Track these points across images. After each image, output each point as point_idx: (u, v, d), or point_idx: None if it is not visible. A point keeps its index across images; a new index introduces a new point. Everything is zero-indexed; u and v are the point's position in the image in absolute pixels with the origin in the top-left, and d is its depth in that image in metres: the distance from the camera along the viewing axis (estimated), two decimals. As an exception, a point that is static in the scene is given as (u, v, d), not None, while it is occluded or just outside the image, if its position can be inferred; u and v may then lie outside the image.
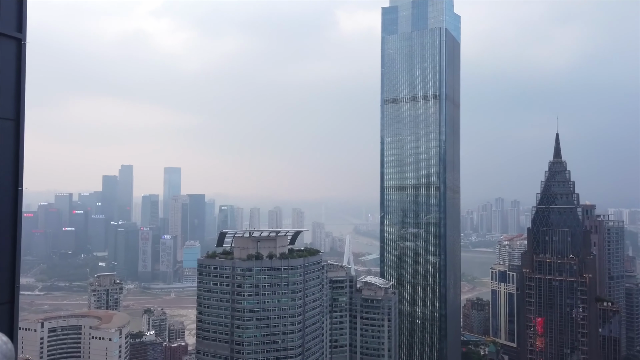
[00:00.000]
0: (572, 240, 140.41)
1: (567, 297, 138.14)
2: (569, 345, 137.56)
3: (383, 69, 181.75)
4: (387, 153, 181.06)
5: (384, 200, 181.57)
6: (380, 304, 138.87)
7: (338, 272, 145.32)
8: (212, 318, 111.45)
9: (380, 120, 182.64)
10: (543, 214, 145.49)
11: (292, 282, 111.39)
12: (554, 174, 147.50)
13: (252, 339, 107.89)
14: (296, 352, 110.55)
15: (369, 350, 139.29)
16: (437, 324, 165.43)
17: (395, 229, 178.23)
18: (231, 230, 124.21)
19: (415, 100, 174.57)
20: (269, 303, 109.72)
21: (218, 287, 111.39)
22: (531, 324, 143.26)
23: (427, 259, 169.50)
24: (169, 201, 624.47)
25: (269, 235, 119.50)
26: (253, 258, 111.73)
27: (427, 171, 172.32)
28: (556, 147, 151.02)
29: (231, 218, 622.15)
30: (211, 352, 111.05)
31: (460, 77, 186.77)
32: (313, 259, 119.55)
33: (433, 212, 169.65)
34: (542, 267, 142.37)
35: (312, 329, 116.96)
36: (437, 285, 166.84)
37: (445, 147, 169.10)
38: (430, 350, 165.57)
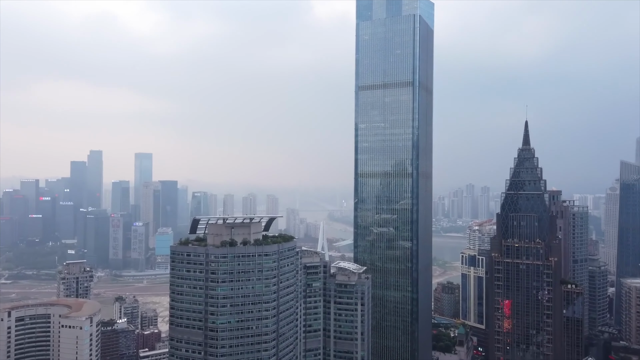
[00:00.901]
0: (539, 225, 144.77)
1: (534, 280, 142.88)
2: (535, 326, 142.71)
3: (357, 55, 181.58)
4: (361, 140, 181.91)
5: (358, 187, 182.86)
6: (353, 288, 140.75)
7: (312, 258, 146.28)
8: (185, 305, 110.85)
9: (354, 107, 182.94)
10: (512, 200, 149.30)
11: (266, 268, 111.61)
12: (523, 161, 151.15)
13: (226, 325, 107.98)
14: (270, 338, 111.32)
15: (343, 334, 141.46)
16: (409, 307, 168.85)
17: (368, 215, 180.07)
18: (204, 217, 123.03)
19: (389, 87, 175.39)
20: (243, 289, 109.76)
21: (191, 274, 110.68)
22: (499, 306, 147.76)
23: (400, 244, 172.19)
24: (140, 188, 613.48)
25: (243, 222, 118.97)
26: (227, 245, 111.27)
27: (400, 158, 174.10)
28: (525, 134, 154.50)
29: (204, 205, 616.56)
30: (185, 339, 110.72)
31: (433, 65, 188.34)
32: (287, 245, 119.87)
33: (406, 199, 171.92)
34: (510, 251, 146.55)
35: (286, 314, 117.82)
36: (409, 270, 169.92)
37: (418, 134, 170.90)
38: (402, 333, 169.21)
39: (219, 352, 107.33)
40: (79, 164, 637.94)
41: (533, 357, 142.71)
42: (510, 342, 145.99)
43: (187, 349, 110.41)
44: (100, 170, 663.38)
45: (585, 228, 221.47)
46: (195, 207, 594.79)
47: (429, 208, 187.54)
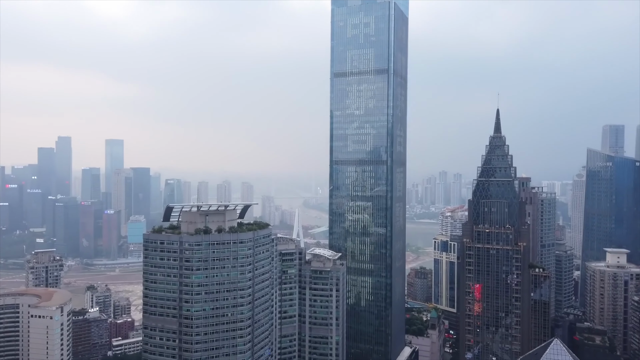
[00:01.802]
0: (509, 211, 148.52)
1: (503, 265, 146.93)
2: (504, 309, 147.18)
3: (332, 42, 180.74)
4: (336, 127, 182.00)
5: (333, 174, 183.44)
6: (328, 275, 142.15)
7: (288, 245, 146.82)
8: (159, 293, 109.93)
9: (329, 94, 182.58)
10: (483, 187, 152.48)
11: (241, 255, 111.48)
12: (494, 148, 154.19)
13: (201, 312, 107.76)
14: (245, 324, 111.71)
15: (318, 320, 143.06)
16: (383, 292, 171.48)
17: (344, 202, 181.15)
18: (178, 205, 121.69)
19: (364, 74, 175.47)
20: (218, 277, 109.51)
21: (165, 262, 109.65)
22: (470, 290, 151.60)
23: (375, 230, 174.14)
24: (111, 175, 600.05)
25: (217, 209, 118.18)
26: (201, 232, 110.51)
27: (375, 145, 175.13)
28: (496, 122, 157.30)
29: (178, 192, 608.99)
30: (159, 327, 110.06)
31: (408, 53, 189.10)
32: (263, 232, 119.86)
33: (380, 186, 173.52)
34: (481, 237, 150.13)
35: (262, 301, 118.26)
36: (383, 256, 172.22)
37: (392, 122, 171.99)
38: (376, 318, 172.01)
39: (193, 340, 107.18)
40: (47, 151, 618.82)
41: (502, 338, 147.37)
42: (480, 325, 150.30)
43: (161, 337, 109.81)
44: (69, 156, 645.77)
45: (552, 214, 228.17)
46: (169, 195, 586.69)
47: (403, 195, 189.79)
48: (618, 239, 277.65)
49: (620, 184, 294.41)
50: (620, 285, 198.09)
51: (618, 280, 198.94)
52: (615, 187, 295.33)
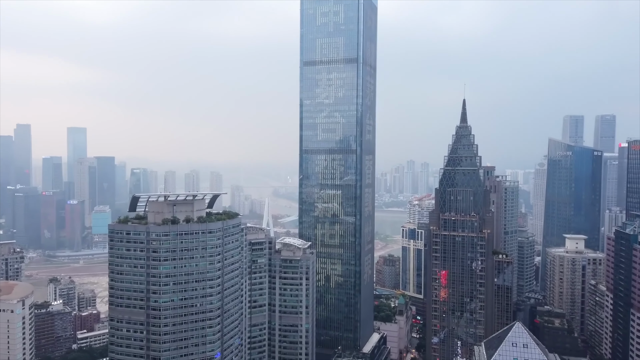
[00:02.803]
0: (474, 199, 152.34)
1: (468, 251, 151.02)
2: (469, 294, 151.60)
3: (302, 30, 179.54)
4: (306, 116, 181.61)
5: (303, 163, 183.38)
6: (298, 263, 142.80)
7: (257, 234, 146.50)
8: (125, 284, 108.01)
9: (299, 83, 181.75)
10: (449, 175, 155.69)
11: (210, 245, 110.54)
12: (460, 138, 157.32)
13: (169, 303, 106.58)
14: (215, 314, 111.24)
15: (288, 308, 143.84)
16: (352, 280, 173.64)
17: (313, 191, 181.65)
18: (145, 194, 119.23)
19: (333, 63, 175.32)
20: (187, 267, 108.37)
21: (132, 252, 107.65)
22: (436, 276, 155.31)
23: (344, 219, 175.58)
24: (74, 164, 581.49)
25: (185, 199, 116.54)
26: (169, 222, 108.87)
27: (344, 134, 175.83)
28: (463, 112, 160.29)
29: (144, 182, 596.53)
30: (125, 319, 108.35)
31: (377, 42, 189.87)
32: (232, 222, 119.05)
33: (350, 174, 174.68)
34: (447, 224, 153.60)
35: (231, 290, 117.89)
36: (352, 244, 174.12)
37: (362, 111, 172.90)
38: (345, 305, 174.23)
39: (161, 331, 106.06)
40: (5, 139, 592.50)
41: (467, 323, 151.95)
42: (446, 310, 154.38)
43: (128, 328, 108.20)
44: (28, 145, 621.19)
45: (515, 202, 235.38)
46: (135, 185, 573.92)
47: (372, 184, 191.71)
48: (577, 225, 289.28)
49: (579, 172, 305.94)
50: (579, 270, 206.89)
51: (576, 265, 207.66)
52: (575, 176, 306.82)
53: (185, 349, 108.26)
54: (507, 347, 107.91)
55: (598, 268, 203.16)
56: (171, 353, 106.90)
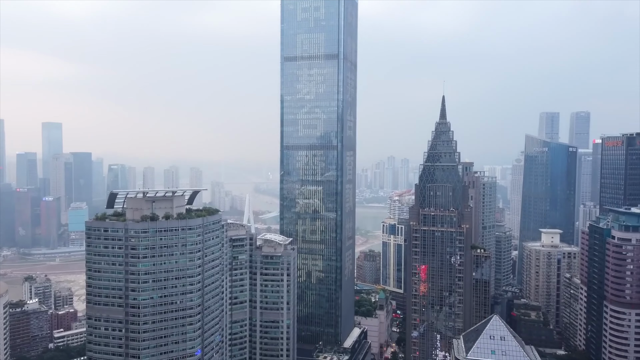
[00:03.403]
0: (453, 195, 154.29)
1: (447, 246, 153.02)
2: (448, 289, 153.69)
3: (282, 25, 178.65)
4: (286, 112, 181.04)
5: (283, 159, 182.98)
6: (279, 260, 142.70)
7: (238, 230, 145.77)
8: (103, 282, 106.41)
9: (280, 78, 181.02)
10: (429, 171, 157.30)
11: (190, 242, 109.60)
12: (440, 134, 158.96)
13: (149, 300, 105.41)
14: (195, 312, 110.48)
15: (269, 305, 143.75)
16: (333, 275, 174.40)
17: (294, 187, 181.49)
18: (123, 191, 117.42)
19: (314, 58, 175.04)
20: (166, 264, 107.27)
21: (110, 250, 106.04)
22: (416, 271, 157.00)
23: (325, 215, 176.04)
24: (49, 160, 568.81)
25: (164, 196, 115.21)
26: (148, 219, 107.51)
27: (325, 130, 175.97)
28: (442, 108, 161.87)
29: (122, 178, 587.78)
30: (104, 317, 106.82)
31: (357, 38, 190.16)
32: (212, 218, 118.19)
33: (331, 170, 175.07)
34: (427, 220, 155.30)
35: (212, 287, 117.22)
36: (333, 240, 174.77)
37: (343, 107, 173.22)
38: (326, 301, 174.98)
39: (141, 329, 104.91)
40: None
41: (446, 316, 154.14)
42: (425, 304, 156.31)
43: (106, 327, 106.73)
44: (2, 141, 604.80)
45: (493, 197, 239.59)
46: (112, 181, 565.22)
47: (353, 179, 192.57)
48: (552, 220, 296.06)
49: (554, 168, 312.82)
50: (554, 264, 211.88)
51: (552, 259, 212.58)
52: (550, 171, 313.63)
53: (165, 346, 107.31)
54: (484, 340, 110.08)
55: (573, 261, 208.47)
56: (151, 351, 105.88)
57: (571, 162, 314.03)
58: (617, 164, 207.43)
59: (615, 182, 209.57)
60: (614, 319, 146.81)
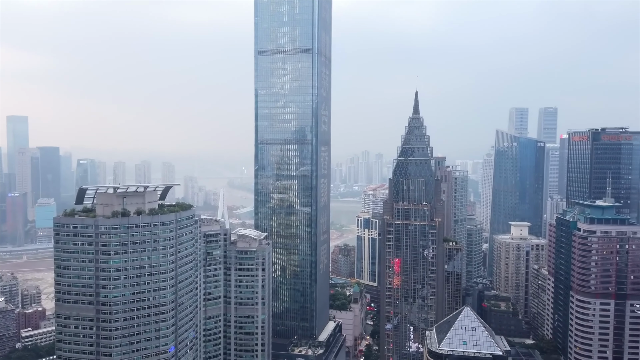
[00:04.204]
0: (425, 189, 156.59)
1: (420, 239, 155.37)
2: (421, 281, 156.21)
3: (256, 19, 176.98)
4: (261, 106, 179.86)
5: (258, 154, 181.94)
6: (254, 255, 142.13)
7: (212, 226, 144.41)
8: (73, 280, 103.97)
9: (254, 72, 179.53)
10: (402, 166, 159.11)
11: (162, 238, 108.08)
12: (413, 129, 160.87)
13: (120, 298, 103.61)
14: (168, 308, 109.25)
15: (244, 300, 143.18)
16: (308, 270, 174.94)
17: (269, 182, 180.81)
18: (92, 186, 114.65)
19: (288, 52, 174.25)
20: (138, 261, 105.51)
21: (79, 247, 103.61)
22: (390, 264, 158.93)
23: (300, 209, 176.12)
24: (14, 154, 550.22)
25: (136, 191, 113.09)
26: (119, 215, 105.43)
27: (300, 125, 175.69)
28: (415, 103, 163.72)
29: (92, 173, 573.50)
30: (73, 315, 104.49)
31: (332, 32, 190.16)
32: (185, 213, 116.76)
33: (306, 165, 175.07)
34: (401, 214, 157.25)
35: (185, 283, 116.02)
36: (308, 235, 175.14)
37: (317, 102, 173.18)
38: (301, 295, 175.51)
39: (112, 327, 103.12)
40: None
41: (419, 309, 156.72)
42: (399, 297, 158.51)
43: (76, 325, 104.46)
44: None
45: (465, 191, 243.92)
46: (81, 176, 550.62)
47: (327, 174, 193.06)
48: (521, 213, 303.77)
49: (523, 162, 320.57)
50: (523, 256, 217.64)
51: (520, 251, 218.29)
52: (520, 166, 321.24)
53: (137, 344, 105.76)
54: (456, 331, 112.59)
55: (541, 253, 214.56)
56: (123, 349, 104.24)
57: (539, 157, 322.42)
58: (583, 159, 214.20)
59: (581, 176, 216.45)
60: (579, 309, 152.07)
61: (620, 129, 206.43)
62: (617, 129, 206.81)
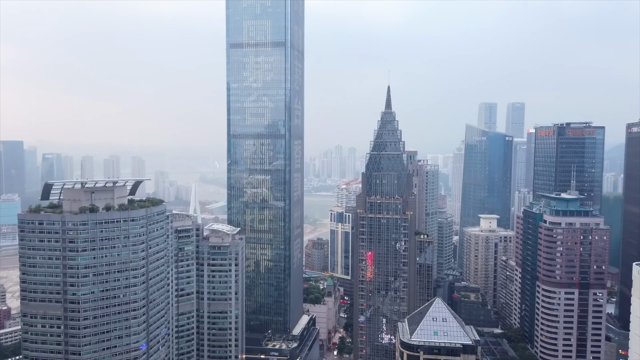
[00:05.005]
0: (398, 183, 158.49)
1: (393, 233, 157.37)
2: (393, 274, 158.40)
3: (228, 11, 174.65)
4: (233, 100, 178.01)
5: (231, 148, 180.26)
6: (227, 250, 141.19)
7: (184, 221, 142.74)
8: (39, 278, 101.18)
9: (226, 65, 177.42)
10: (375, 160, 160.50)
11: (133, 234, 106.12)
12: (385, 124, 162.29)
13: (89, 295, 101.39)
14: (139, 305, 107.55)
15: (217, 295, 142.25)
16: (282, 264, 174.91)
17: (242, 176, 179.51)
18: (59, 181, 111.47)
19: (261, 45, 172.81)
20: (108, 257, 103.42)
21: (45, 244, 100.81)
22: (363, 257, 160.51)
23: (273, 204, 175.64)
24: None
25: (105, 186, 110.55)
26: (87, 211, 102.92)
27: (273, 119, 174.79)
28: (387, 98, 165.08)
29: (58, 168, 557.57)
30: (40, 314, 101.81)
31: (304, 26, 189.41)
32: (156, 209, 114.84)
33: (279, 159, 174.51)
34: (373, 207, 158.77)
35: (157, 280, 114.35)
36: (282, 229, 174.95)
37: (290, 95, 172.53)
38: (275, 290, 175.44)
39: (81, 325, 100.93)
40: None
41: (391, 301, 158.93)
42: (372, 290, 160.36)
43: (43, 324, 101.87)
44: None
45: (436, 184, 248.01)
46: (47, 171, 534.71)
47: (301, 168, 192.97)
48: (490, 205, 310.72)
49: (492, 156, 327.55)
50: (491, 247, 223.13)
51: (489, 243, 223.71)
52: (489, 160, 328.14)
53: (108, 342, 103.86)
54: (428, 322, 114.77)
55: (508, 245, 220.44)
56: (92, 347, 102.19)
57: (507, 151, 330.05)
58: (549, 153, 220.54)
59: (547, 170, 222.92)
60: (545, 298, 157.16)
61: (584, 124, 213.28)
62: (581, 123, 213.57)
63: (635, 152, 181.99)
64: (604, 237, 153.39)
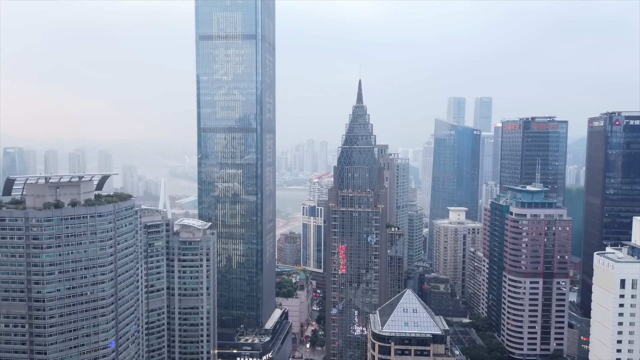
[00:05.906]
0: (369, 176, 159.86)
1: (364, 226, 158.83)
2: (365, 266, 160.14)
3: (197, 2, 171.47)
4: (203, 93, 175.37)
5: (201, 142, 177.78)
6: (198, 245, 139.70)
7: (153, 216, 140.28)
8: (2, 276, 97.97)
9: (195, 58, 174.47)
10: (347, 154, 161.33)
11: (100, 230, 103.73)
12: (357, 117, 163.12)
13: (55, 293, 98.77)
14: (108, 302, 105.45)
15: (188, 291, 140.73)
16: (254, 259, 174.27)
17: (213, 171, 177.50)
18: (21, 176, 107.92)
19: (231, 38, 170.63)
20: (74, 254, 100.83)
21: (8, 241, 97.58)
22: (335, 251, 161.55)
23: (245, 198, 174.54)
24: None
25: (70, 181, 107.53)
26: (52, 206, 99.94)
27: (244, 113, 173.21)
28: (359, 92, 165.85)
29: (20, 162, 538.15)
30: (3, 313, 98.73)
31: (275, 19, 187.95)
32: (124, 204, 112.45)
33: (250, 153, 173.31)
34: (345, 201, 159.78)
35: (126, 276, 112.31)
36: (254, 223, 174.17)
37: (262, 89, 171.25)
38: (247, 284, 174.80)
39: (47, 323, 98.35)
40: None
41: (363, 293, 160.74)
42: (344, 282, 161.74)
43: (7, 323, 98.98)
44: None
45: (406, 178, 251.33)
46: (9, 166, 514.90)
47: (273, 162, 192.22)
48: (459, 198, 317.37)
49: (461, 150, 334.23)
50: (460, 239, 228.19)
51: (458, 235, 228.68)
52: (457, 153, 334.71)
53: (75, 340, 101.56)
54: (399, 313, 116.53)
55: (476, 236, 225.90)
56: (59, 346, 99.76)
57: (475, 145, 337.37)
58: (515, 146, 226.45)
59: (513, 163, 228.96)
60: (511, 287, 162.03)
61: (548, 118, 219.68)
62: (546, 118, 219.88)
63: (597, 146, 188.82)
64: (566, 228, 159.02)
